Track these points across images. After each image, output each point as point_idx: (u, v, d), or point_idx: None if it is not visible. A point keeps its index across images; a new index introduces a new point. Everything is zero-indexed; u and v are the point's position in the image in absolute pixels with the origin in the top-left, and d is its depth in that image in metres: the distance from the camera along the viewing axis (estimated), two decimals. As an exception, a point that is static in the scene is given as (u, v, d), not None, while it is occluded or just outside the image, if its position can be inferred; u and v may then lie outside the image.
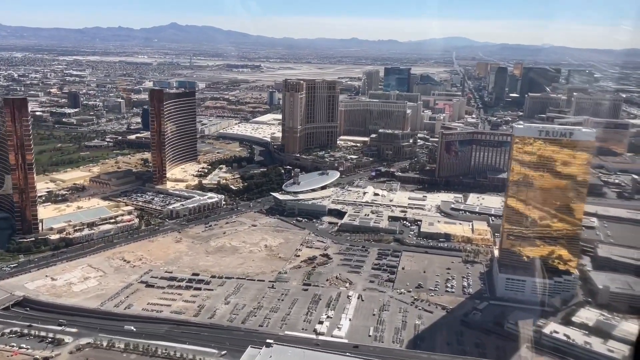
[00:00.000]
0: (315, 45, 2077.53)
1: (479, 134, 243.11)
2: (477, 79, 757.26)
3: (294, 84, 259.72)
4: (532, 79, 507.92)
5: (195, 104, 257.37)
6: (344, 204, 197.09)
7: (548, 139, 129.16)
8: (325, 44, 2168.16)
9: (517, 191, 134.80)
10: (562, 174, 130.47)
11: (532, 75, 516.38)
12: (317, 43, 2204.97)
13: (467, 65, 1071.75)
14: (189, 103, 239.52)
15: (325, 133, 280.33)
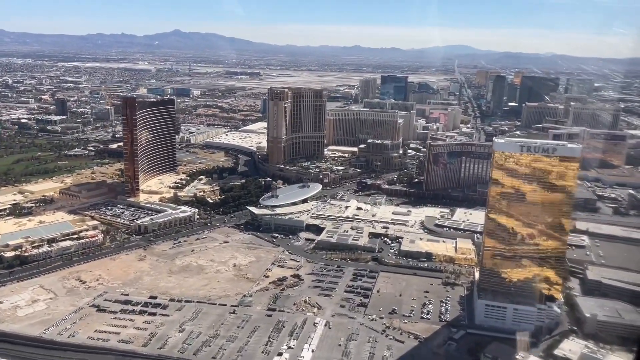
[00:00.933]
0: (318, 52, 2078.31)
1: (469, 146, 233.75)
2: (477, 87, 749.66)
3: (278, 93, 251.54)
4: (531, 87, 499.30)
5: (174, 112, 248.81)
6: (323, 218, 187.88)
7: (530, 155, 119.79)
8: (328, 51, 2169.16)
9: (497, 209, 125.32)
10: (545, 192, 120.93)
11: (531, 84, 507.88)
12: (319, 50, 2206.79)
13: (469, 73, 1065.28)
14: (167, 112, 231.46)
15: (312, 143, 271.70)
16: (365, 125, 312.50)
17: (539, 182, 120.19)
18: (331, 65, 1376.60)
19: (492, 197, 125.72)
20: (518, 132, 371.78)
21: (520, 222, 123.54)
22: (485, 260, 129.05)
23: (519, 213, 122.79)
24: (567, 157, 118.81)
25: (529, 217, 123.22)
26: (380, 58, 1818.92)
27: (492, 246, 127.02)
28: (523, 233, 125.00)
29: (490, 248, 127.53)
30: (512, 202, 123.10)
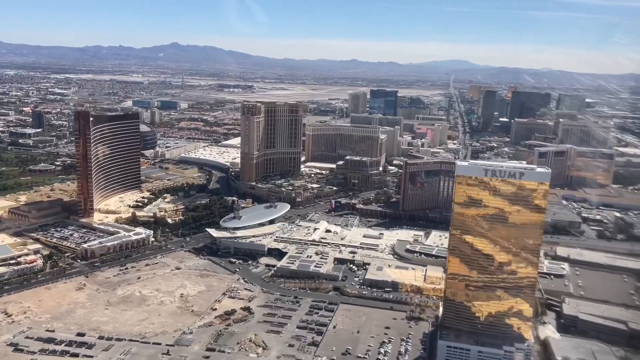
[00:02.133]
0: (315, 66, 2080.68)
1: (448, 164, 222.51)
2: (470, 102, 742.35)
3: (250, 107, 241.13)
4: (523, 103, 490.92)
5: (139, 126, 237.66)
6: (288, 242, 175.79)
7: (495, 180, 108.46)
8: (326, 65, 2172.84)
9: (460, 239, 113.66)
10: (511, 220, 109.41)
11: (522, 99, 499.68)
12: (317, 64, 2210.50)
13: (463, 88, 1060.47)
14: (130, 126, 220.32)
15: (287, 159, 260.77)
16: (346, 141, 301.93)
17: (504, 209, 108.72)
18: (327, 79, 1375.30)
19: (454, 227, 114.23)
20: (506, 149, 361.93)
21: (484, 252, 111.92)
22: (449, 292, 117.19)
23: (482, 243, 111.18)
24: (535, 182, 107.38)
25: (494, 246, 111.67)
26: (377, 72, 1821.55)
27: (455, 276, 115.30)
28: (495, 261, 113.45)
29: (454, 279, 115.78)
30: (475, 231, 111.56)
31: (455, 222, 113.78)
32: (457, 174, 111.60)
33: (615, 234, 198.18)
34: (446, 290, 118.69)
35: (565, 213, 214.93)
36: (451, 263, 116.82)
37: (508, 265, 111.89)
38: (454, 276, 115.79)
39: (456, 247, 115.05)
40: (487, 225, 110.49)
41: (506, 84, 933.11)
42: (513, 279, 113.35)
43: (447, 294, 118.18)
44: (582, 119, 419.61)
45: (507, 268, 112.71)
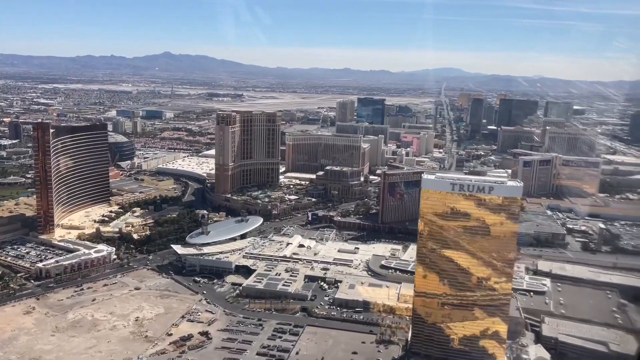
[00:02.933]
0: (308, 75, 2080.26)
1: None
2: (460, 110, 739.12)
3: (224, 117, 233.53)
4: (511, 110, 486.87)
5: (107, 138, 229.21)
6: (258, 258, 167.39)
7: (463, 194, 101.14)
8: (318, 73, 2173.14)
9: (428, 255, 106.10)
10: (481, 237, 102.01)
11: (510, 107, 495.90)
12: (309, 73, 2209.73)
13: (454, 96, 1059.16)
14: (97, 138, 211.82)
15: (265, 170, 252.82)
16: (328, 151, 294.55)
17: (474, 225, 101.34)
18: (318, 88, 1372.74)
19: (421, 242, 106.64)
20: (492, 158, 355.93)
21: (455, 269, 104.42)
22: (417, 313, 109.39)
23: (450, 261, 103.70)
24: (506, 197, 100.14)
25: (465, 263, 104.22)
26: (369, 80, 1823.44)
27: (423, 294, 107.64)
28: (470, 277, 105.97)
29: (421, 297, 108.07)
30: (443, 248, 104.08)
31: (422, 238, 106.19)
32: (423, 189, 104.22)
33: (600, 246, 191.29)
34: (414, 310, 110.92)
35: (549, 224, 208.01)
36: (418, 280, 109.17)
37: (481, 283, 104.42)
38: (422, 294, 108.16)
39: (424, 263, 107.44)
40: (457, 241, 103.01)
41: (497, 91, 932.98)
42: (486, 296, 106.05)
43: (415, 314, 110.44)
44: (569, 126, 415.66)
45: (480, 285, 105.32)
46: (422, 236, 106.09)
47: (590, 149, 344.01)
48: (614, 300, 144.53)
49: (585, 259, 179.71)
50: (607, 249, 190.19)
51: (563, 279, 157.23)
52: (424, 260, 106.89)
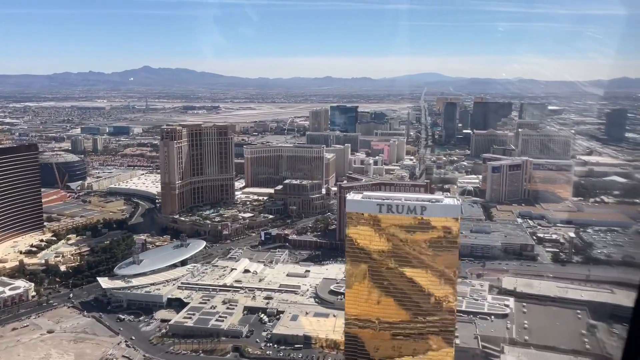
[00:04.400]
0: (289, 84, 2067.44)
1: (388, 185, 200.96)
2: (437, 114, 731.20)
3: (169, 132, 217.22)
4: (485, 113, 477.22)
5: (37, 160, 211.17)
6: (194, 289, 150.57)
7: (392, 216, 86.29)
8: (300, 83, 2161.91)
9: (357, 285, 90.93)
10: (415, 263, 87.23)
11: (484, 110, 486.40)
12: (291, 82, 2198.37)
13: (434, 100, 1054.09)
14: (26, 160, 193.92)
15: (218, 187, 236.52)
16: (290, 163, 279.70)
17: (405, 251, 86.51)
18: (298, 97, 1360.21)
19: (349, 271, 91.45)
20: (465, 163, 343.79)
21: (384, 303, 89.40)
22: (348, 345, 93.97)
23: (381, 293, 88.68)
24: (441, 217, 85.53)
25: (397, 295, 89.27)
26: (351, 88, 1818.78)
27: (354, 332, 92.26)
28: (386, 314, 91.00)
29: (352, 331, 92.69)
30: (373, 276, 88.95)
31: (350, 265, 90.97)
32: (348, 211, 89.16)
33: (571, 257, 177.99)
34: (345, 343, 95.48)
35: (517, 234, 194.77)
36: (349, 309, 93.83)
37: (417, 317, 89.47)
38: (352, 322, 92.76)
39: (354, 292, 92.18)
40: (387, 270, 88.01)
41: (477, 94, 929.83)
42: (426, 326, 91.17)
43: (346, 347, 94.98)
44: (543, 127, 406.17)
45: (416, 318, 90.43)
46: (350, 263, 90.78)
47: (565, 151, 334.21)
48: (584, 321, 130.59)
49: (555, 271, 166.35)
50: (578, 259, 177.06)
51: (529, 297, 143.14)
52: (353, 289, 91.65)
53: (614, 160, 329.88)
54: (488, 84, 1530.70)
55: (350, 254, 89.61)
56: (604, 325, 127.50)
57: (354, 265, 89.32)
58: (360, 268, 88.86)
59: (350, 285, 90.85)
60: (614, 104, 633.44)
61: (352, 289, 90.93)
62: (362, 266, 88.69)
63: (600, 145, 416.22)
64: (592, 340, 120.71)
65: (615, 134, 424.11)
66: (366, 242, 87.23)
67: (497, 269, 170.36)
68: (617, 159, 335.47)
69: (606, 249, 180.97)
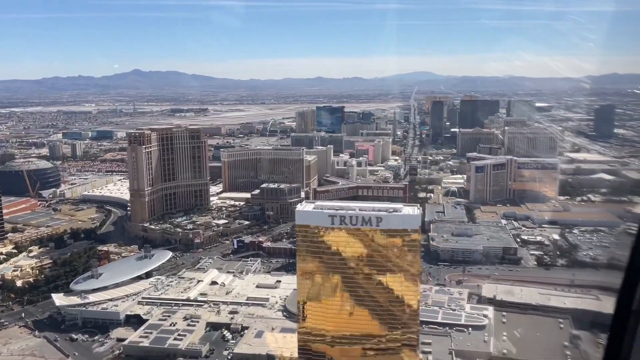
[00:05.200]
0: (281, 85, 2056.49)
1: (365, 189, 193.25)
2: (426, 113, 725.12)
3: (136, 136, 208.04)
4: (473, 111, 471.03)
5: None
6: (155, 304, 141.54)
7: (346, 229, 78.04)
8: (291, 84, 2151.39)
9: (309, 299, 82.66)
10: (373, 277, 79.05)
11: (472, 108, 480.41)
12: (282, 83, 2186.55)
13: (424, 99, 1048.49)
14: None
15: (192, 192, 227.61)
16: (269, 166, 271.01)
17: (360, 268, 78.28)
18: (289, 98, 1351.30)
19: (300, 285, 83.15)
20: (451, 163, 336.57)
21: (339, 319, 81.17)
22: None
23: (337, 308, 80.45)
24: (400, 229, 77.37)
25: (357, 310, 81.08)
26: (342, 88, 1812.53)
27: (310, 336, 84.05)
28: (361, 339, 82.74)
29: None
30: (327, 292, 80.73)
31: (301, 282, 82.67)
32: (298, 223, 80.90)
33: (555, 260, 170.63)
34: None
35: (500, 237, 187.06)
36: (303, 326, 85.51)
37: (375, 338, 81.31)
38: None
39: (307, 313, 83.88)
40: (342, 287, 79.79)
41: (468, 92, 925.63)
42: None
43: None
44: (531, 125, 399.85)
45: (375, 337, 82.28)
46: (300, 281, 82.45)
47: (552, 148, 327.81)
48: (567, 331, 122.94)
49: (538, 276, 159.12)
50: (563, 262, 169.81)
51: (509, 306, 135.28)
52: (307, 306, 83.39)
53: (602, 157, 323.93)
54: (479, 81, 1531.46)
55: (301, 269, 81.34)
56: (587, 335, 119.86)
57: (304, 283, 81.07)
58: (312, 286, 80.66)
59: (302, 301, 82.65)
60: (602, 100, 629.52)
61: (305, 305, 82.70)
62: (314, 283, 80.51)
63: (588, 141, 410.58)
64: (574, 352, 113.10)
65: (603, 130, 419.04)
66: (317, 257, 79.00)
67: (478, 274, 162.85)
68: (605, 156, 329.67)
69: (592, 251, 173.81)
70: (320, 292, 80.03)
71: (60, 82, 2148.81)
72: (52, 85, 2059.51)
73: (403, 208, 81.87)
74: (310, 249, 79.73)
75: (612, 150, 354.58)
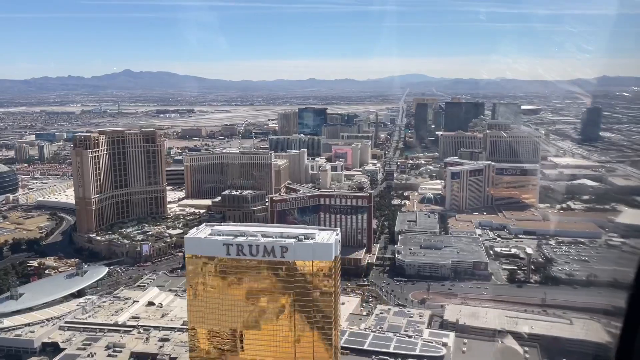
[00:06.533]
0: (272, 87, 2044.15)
1: (327, 197, 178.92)
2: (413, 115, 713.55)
3: (82, 139, 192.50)
4: (457, 114, 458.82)
5: None
6: (79, 329, 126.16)
7: (245, 260, 63.65)
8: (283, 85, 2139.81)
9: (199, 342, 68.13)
10: (276, 318, 64.70)
11: (456, 110, 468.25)
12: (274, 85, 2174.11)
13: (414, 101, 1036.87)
14: None
15: (147, 200, 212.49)
16: (236, 171, 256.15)
17: (259, 311, 63.95)
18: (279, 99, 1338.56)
19: (191, 324, 68.62)
20: (431, 167, 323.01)
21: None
22: None
23: None
24: (307, 261, 63.14)
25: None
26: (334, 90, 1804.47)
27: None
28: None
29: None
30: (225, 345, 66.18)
31: (192, 317, 68.15)
32: (187, 253, 66.44)
33: (529, 276, 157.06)
34: None
35: (471, 249, 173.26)
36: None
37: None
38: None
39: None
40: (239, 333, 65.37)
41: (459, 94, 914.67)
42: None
43: None
44: (516, 128, 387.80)
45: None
46: (191, 317, 67.98)
47: (534, 153, 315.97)
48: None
49: (509, 294, 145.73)
50: (537, 278, 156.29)
51: (472, 331, 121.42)
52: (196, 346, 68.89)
53: (586, 162, 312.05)
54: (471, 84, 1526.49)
55: (192, 311, 66.90)
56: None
57: (195, 334, 66.72)
58: (207, 335, 66.39)
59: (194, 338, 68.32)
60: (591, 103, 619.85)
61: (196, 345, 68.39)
62: (209, 332, 66.19)
63: (575, 145, 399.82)
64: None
65: (590, 133, 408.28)
66: (212, 295, 64.69)
67: (444, 292, 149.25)
68: (589, 161, 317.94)
69: (568, 266, 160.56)
70: (215, 343, 65.82)
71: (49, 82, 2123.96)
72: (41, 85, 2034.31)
73: (318, 234, 67.47)
74: (203, 285, 65.28)
75: (597, 154, 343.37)
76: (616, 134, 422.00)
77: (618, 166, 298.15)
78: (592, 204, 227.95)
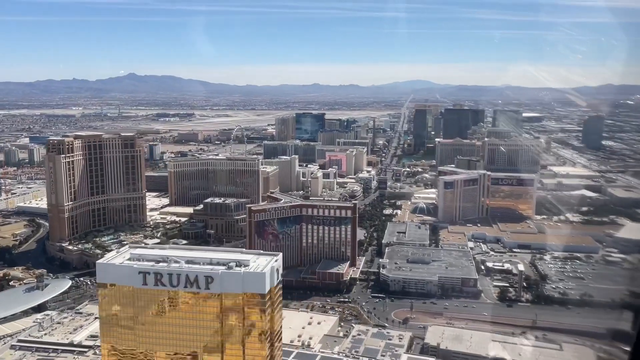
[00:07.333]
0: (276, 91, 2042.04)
1: (310, 208, 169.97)
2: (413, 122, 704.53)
3: (55, 144, 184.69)
4: (456, 121, 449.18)
5: None
6: (30, 349, 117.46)
7: (166, 291, 54.85)
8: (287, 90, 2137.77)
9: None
10: None
11: (455, 117, 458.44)
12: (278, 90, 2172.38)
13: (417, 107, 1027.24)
14: None
15: (125, 207, 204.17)
16: (223, 178, 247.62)
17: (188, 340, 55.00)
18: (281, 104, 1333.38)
19: None
20: (427, 175, 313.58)
21: None
22: None
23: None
24: (238, 294, 54.23)
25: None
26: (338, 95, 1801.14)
27: None
28: None
29: None
30: None
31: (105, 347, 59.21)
32: (99, 281, 57.65)
33: (520, 294, 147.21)
34: None
35: (461, 264, 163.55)
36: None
37: None
38: None
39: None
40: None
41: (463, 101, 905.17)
42: None
43: None
44: (517, 136, 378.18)
45: None
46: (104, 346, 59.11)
47: (534, 161, 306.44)
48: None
49: (497, 315, 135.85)
50: (529, 296, 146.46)
51: (454, 357, 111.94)
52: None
53: (586, 172, 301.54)
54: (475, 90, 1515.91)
55: (106, 348, 58.31)
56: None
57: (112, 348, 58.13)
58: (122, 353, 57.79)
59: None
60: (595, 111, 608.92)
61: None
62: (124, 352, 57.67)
63: (575, 153, 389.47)
64: None
65: (591, 141, 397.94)
66: (127, 330, 55.97)
67: (429, 310, 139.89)
68: (589, 170, 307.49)
69: (562, 283, 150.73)
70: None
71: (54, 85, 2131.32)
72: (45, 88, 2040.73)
73: (254, 260, 58.40)
74: (118, 320, 56.52)
75: (598, 163, 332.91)
76: (618, 143, 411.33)
77: (619, 176, 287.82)
78: (591, 216, 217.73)
